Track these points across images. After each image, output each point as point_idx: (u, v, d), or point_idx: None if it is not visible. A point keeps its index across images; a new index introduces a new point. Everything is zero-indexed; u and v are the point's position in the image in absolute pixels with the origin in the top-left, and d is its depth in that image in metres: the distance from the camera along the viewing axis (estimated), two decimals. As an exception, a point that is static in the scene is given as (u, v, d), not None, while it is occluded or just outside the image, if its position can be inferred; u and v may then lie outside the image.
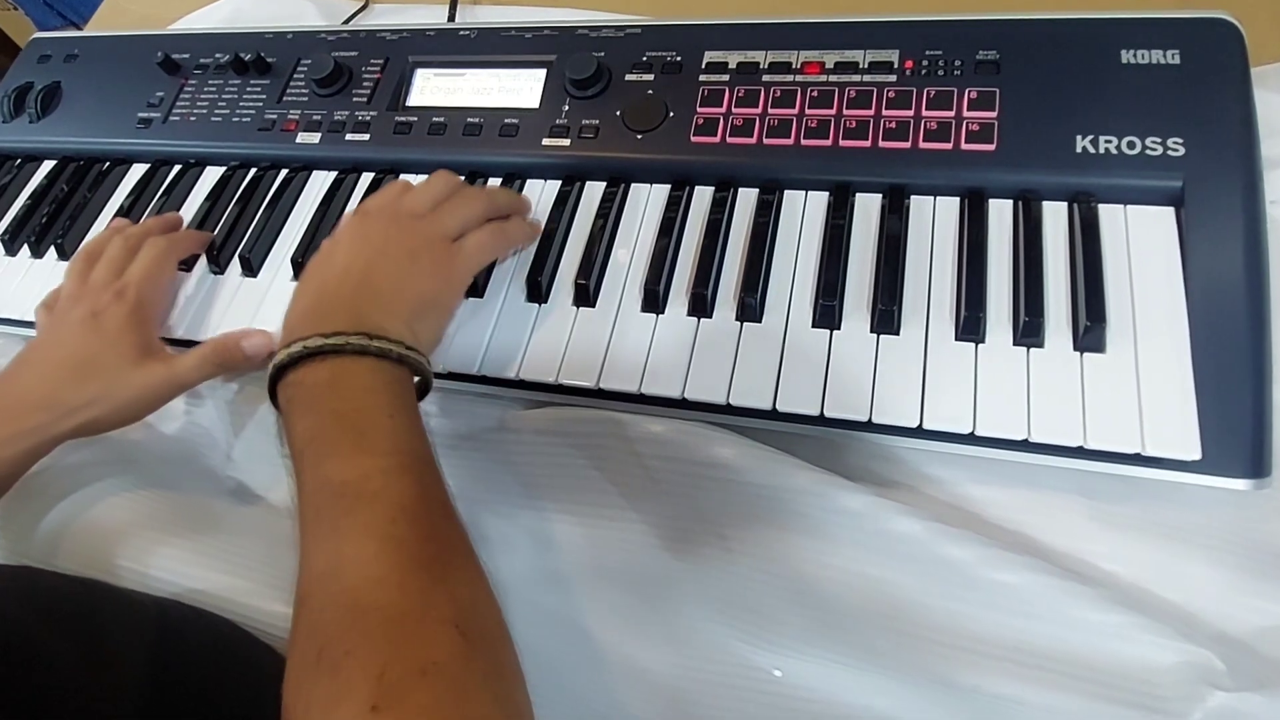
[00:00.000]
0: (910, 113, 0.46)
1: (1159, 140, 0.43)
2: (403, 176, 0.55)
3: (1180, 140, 0.42)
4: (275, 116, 0.58)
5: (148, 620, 0.43)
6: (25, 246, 0.60)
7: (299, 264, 0.52)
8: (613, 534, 0.44)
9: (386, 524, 0.33)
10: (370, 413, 0.37)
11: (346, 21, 0.71)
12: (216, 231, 0.56)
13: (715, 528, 0.43)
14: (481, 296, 0.49)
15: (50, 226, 0.60)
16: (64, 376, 0.46)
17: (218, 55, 0.62)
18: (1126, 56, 0.45)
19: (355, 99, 0.58)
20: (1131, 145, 0.43)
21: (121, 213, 0.59)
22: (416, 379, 0.41)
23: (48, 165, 0.64)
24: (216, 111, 0.60)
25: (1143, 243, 0.42)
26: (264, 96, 0.60)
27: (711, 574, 0.43)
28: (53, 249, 0.59)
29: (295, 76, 0.60)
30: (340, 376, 0.38)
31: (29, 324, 0.56)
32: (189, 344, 0.53)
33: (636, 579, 0.44)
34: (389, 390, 0.38)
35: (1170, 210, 0.42)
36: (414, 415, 0.39)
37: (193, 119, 0.60)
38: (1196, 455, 0.36)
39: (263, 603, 0.46)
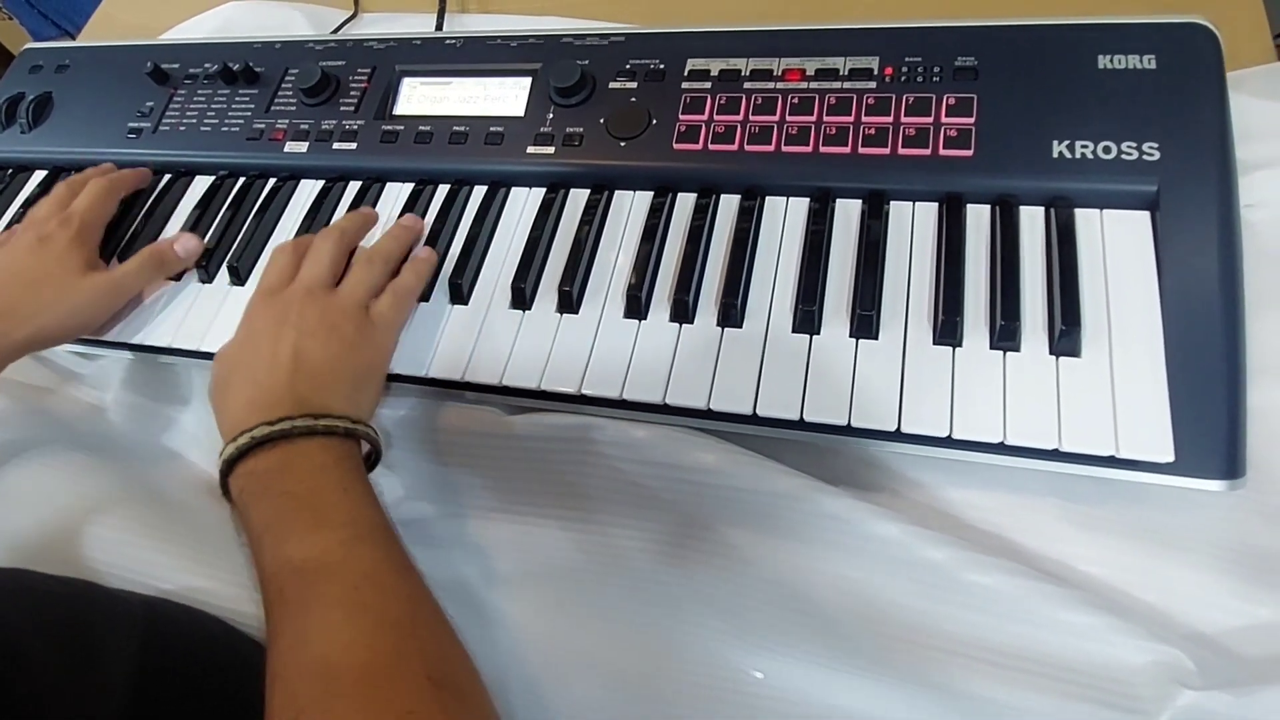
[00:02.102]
0: (889, 119, 0.47)
1: (1134, 145, 0.43)
2: (389, 185, 0.56)
3: (1155, 145, 0.43)
4: (263, 126, 0.59)
5: (136, 621, 0.43)
6: (16, 256, 0.60)
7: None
8: (595, 539, 0.45)
9: (350, 591, 0.33)
10: (323, 490, 0.37)
11: (335, 31, 0.71)
12: (207, 239, 0.56)
13: (697, 532, 0.44)
14: (466, 304, 0.49)
15: (41, 236, 0.60)
16: (16, 288, 0.50)
17: (207, 65, 0.63)
18: (1103, 62, 0.45)
19: (342, 108, 0.58)
20: (1107, 150, 0.43)
21: (112, 222, 0.59)
22: (366, 449, 0.42)
23: (39, 175, 0.65)
24: (205, 121, 0.61)
25: (1118, 246, 0.42)
26: (252, 106, 0.60)
27: (693, 577, 0.43)
28: (43, 259, 0.59)
29: (283, 86, 0.60)
30: (290, 459, 0.38)
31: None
32: (180, 352, 0.53)
33: (618, 583, 0.44)
34: (340, 466, 0.39)
35: (1145, 214, 0.43)
36: (366, 486, 0.39)
37: (182, 129, 0.61)
38: (1170, 457, 0.37)
39: (251, 607, 0.46)
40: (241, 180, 0.59)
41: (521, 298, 0.48)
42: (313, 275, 0.46)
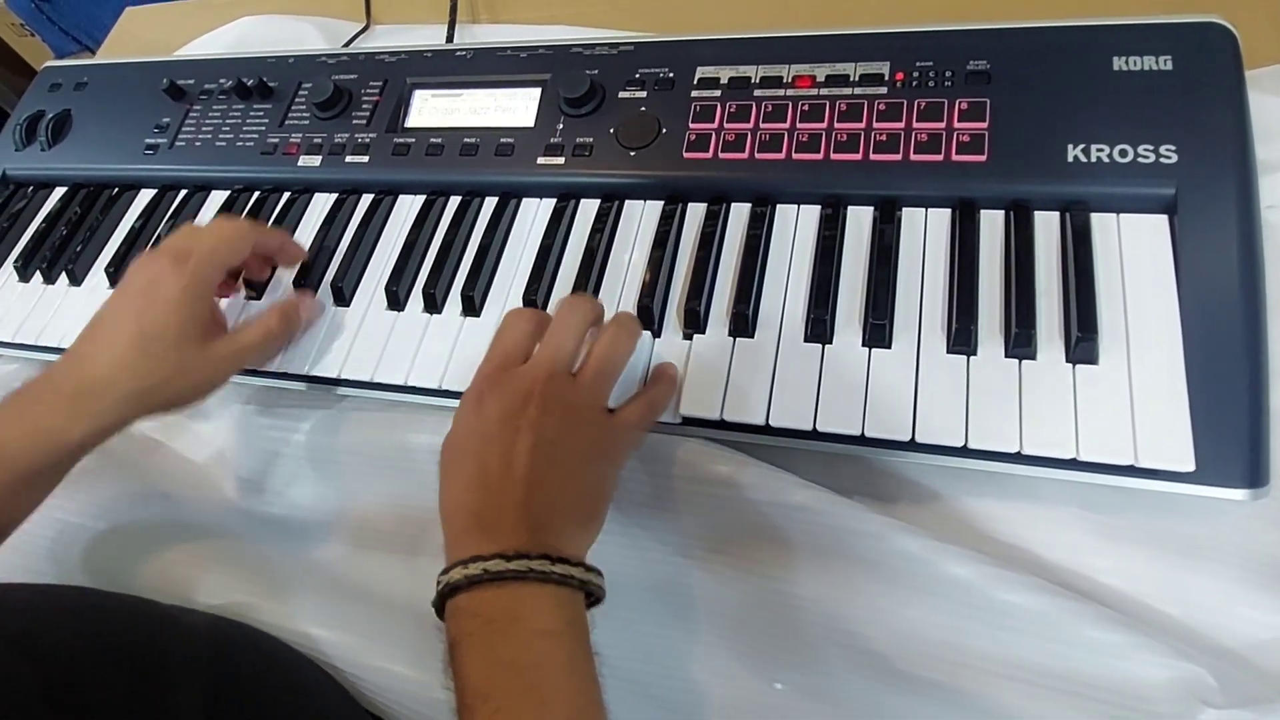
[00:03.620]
0: (901, 125, 0.46)
1: (1151, 148, 0.42)
2: (400, 197, 0.56)
3: (1173, 147, 0.42)
4: (277, 140, 0.60)
5: (201, 644, 0.42)
6: (38, 273, 0.61)
7: (298, 285, 0.53)
8: (611, 549, 0.45)
9: None
10: (550, 667, 0.33)
11: (347, 44, 0.72)
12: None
13: (714, 544, 0.44)
14: (478, 316, 0.49)
15: (61, 253, 0.61)
16: (131, 358, 0.44)
17: (221, 80, 0.63)
18: (1118, 63, 0.45)
19: (355, 121, 0.58)
20: (1123, 153, 0.43)
21: (130, 237, 0.60)
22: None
23: (59, 192, 0.66)
24: (221, 136, 0.61)
25: (1135, 251, 0.42)
26: (266, 121, 0.61)
27: (712, 588, 0.43)
28: (64, 275, 0.60)
29: (297, 100, 0.61)
30: (519, 612, 0.34)
31: (42, 349, 0.58)
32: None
33: (636, 593, 0.44)
34: (569, 632, 0.35)
35: (1163, 218, 0.42)
36: (590, 661, 0.35)
37: (198, 144, 0.62)
38: (1190, 466, 0.36)
39: (285, 621, 0.47)
40: (256, 194, 0.59)
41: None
42: (556, 358, 0.40)
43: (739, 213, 0.48)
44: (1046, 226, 0.43)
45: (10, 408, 0.43)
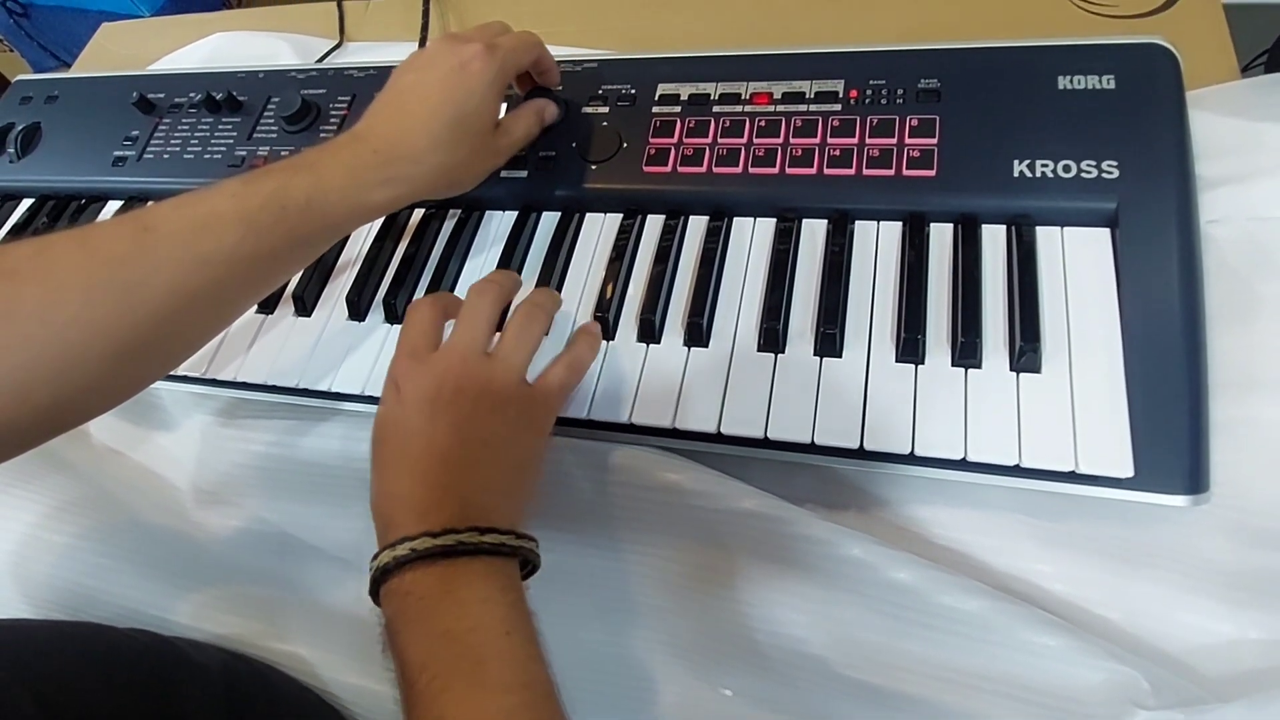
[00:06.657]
0: (854, 140, 0.47)
1: (1094, 164, 0.44)
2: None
3: (1115, 163, 0.43)
4: (245, 153, 0.60)
5: (215, 687, 0.41)
6: (1, 283, 0.61)
7: (261, 305, 0.53)
8: (560, 557, 0.45)
9: None
10: (487, 632, 0.33)
11: (319, 60, 0.73)
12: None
13: (664, 551, 0.44)
14: (439, 326, 0.50)
15: (26, 263, 0.61)
16: (444, 135, 0.45)
17: (191, 94, 0.64)
18: (1063, 83, 0.46)
19: (322, 135, 0.59)
20: (1067, 169, 0.44)
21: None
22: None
23: (27, 203, 0.66)
24: (189, 149, 0.62)
25: (1078, 264, 0.42)
26: (235, 134, 0.61)
27: (660, 597, 0.43)
28: (28, 285, 0.60)
29: (265, 114, 0.61)
30: (452, 585, 0.34)
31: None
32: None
33: (586, 601, 0.44)
34: (504, 598, 0.35)
35: (1106, 231, 0.43)
36: (528, 623, 0.35)
37: (166, 157, 0.62)
38: (1128, 473, 0.37)
39: (269, 641, 0.46)
40: (222, 206, 0.60)
41: (492, 320, 0.48)
42: (469, 340, 0.41)
43: (696, 225, 0.49)
44: (993, 239, 0.44)
45: (332, 161, 0.43)
